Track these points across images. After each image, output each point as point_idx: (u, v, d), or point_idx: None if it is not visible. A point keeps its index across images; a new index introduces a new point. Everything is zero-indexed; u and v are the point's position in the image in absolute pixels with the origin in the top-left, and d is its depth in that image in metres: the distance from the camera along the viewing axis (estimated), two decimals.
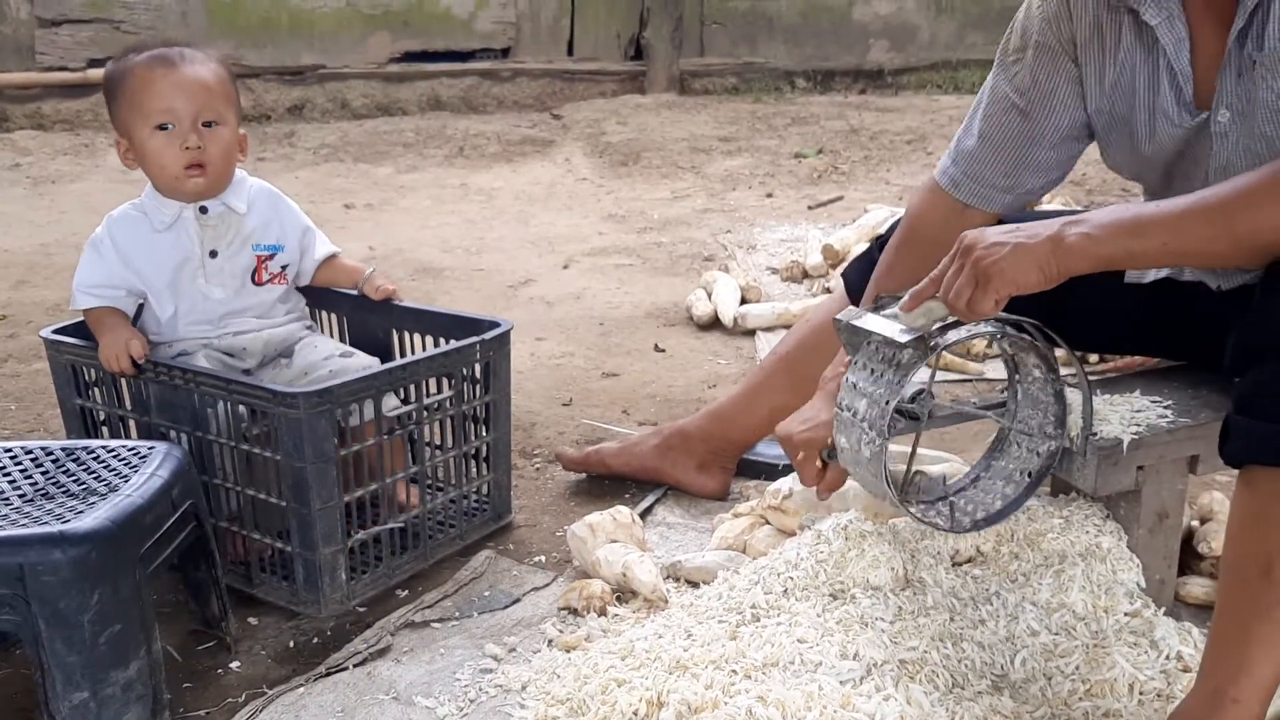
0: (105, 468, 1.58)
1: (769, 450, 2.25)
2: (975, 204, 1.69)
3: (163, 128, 1.84)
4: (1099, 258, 1.29)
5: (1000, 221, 1.62)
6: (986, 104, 1.66)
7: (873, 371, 1.43)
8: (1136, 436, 1.51)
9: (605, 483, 2.22)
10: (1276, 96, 1.37)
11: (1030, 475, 1.54)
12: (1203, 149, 1.48)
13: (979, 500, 1.56)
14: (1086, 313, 1.64)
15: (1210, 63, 1.44)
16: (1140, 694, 1.43)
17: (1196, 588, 1.69)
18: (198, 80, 1.85)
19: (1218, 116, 1.44)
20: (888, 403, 1.39)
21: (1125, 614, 1.52)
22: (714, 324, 3.20)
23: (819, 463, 1.59)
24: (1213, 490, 1.90)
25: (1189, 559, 1.74)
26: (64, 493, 1.53)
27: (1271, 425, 1.20)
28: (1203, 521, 1.80)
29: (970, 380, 2.69)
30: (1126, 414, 1.55)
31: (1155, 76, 1.49)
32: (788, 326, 2.95)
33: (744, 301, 3.25)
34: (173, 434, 1.81)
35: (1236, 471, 1.29)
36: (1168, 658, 1.48)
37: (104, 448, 1.64)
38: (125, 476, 1.54)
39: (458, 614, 1.79)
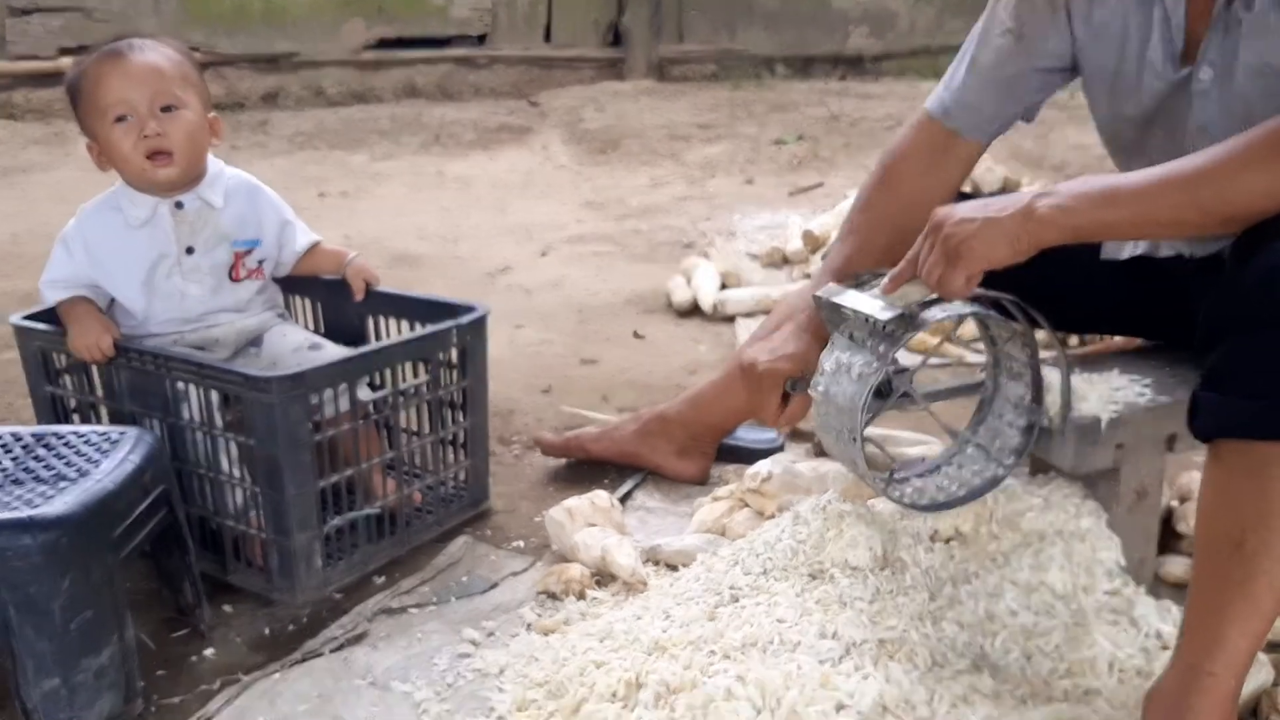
0: (76, 453, 1.56)
1: (749, 435, 2.24)
2: (965, 131, 1.67)
3: (121, 119, 1.80)
4: (1070, 228, 1.29)
5: (965, 196, 1.61)
6: (981, 31, 1.65)
7: (857, 344, 1.43)
8: (1115, 415, 1.50)
9: (584, 468, 2.21)
10: (1258, 58, 1.37)
11: (966, 491, 1.55)
12: (1182, 107, 1.48)
13: (932, 489, 1.57)
14: (1064, 292, 1.63)
15: (1201, 19, 1.44)
16: (1120, 672, 1.43)
17: (1176, 566, 1.69)
18: (149, 66, 1.81)
19: (1199, 74, 1.44)
20: (886, 349, 1.39)
21: (1105, 593, 1.51)
22: (693, 310, 3.20)
23: (781, 394, 1.57)
24: (1192, 470, 1.90)
25: (1168, 538, 1.75)
26: (34, 478, 1.50)
27: (1238, 399, 1.20)
28: (1182, 501, 1.81)
29: (950, 364, 2.69)
30: (1105, 392, 1.54)
31: (1147, 26, 1.48)
32: (768, 312, 2.94)
33: (724, 287, 3.24)
34: (144, 420, 1.78)
35: None
36: (1147, 635, 1.48)
37: (75, 433, 1.62)
38: (96, 462, 1.52)
39: (435, 600, 1.78)
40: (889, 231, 1.66)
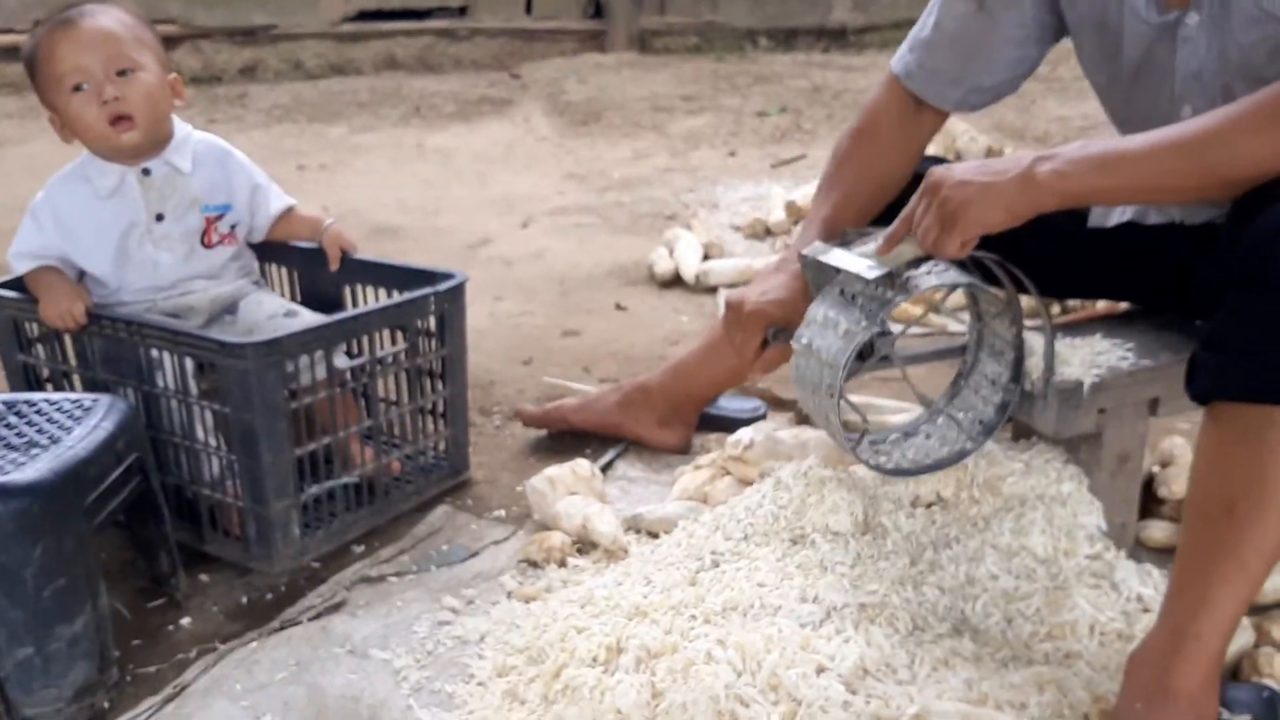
0: (47, 420, 1.54)
1: (731, 404, 2.23)
2: (926, 97, 1.65)
3: (78, 89, 1.77)
4: (1069, 194, 1.27)
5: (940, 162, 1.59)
6: None
7: (846, 300, 1.41)
8: (1097, 379, 1.50)
9: (566, 439, 2.19)
10: (1255, 4, 1.34)
11: (932, 461, 1.55)
12: (1168, 55, 1.45)
13: (898, 456, 1.56)
14: (1050, 256, 1.62)
15: None
16: (1101, 635, 1.43)
17: (1157, 531, 1.69)
18: (100, 31, 1.77)
19: (1186, 19, 1.42)
20: (878, 310, 1.37)
21: (1086, 557, 1.51)
22: (676, 281, 3.18)
23: (761, 339, 1.56)
24: (1174, 435, 1.90)
25: (1150, 503, 1.74)
26: (4, 445, 1.48)
27: (1238, 360, 1.18)
28: (1164, 466, 1.80)
29: (932, 333, 2.68)
30: (1088, 356, 1.54)
31: None
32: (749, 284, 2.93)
33: (706, 259, 3.23)
34: (119, 389, 1.76)
35: (1197, 416, 1.27)
36: (1128, 599, 1.47)
37: (46, 401, 1.59)
38: (68, 429, 1.50)
39: (415, 568, 1.76)
40: (870, 182, 1.65)
